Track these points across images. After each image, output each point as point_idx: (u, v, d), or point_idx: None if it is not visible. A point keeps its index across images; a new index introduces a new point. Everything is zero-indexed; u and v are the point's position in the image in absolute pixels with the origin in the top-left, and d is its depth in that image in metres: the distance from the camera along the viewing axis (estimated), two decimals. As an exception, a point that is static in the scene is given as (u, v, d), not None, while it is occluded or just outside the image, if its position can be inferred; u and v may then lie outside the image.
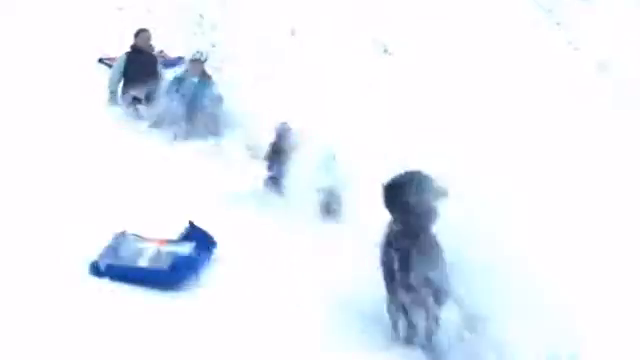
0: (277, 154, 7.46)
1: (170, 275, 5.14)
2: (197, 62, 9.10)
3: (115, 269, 5.11)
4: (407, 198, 4.45)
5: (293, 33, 12.29)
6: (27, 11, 11.74)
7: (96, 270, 5.09)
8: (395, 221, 4.50)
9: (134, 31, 9.87)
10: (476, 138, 9.07)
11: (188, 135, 8.65)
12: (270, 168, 7.40)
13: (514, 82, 11.31)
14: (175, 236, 5.68)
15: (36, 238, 5.51)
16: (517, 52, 12.15)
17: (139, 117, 9.24)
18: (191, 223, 5.76)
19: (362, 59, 11.93)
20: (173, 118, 8.77)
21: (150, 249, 5.47)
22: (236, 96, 9.42)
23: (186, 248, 5.46)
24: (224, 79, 10.02)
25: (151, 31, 9.89)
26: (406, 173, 4.55)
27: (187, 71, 9.12)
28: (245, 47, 11.44)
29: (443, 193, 4.56)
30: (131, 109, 9.43)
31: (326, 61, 11.45)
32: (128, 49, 9.68)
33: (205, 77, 9.14)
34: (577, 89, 10.94)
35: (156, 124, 8.84)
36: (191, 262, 5.27)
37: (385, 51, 12.27)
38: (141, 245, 5.52)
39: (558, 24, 13.03)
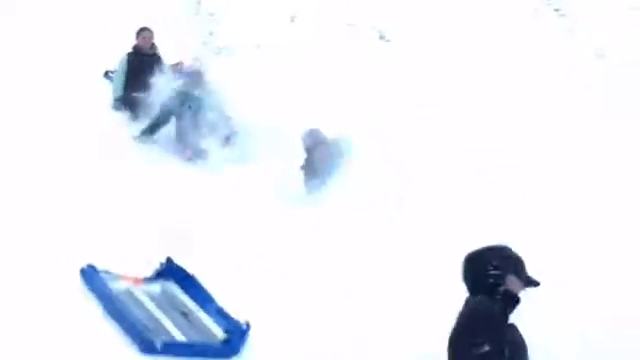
0: (311, 168, 7.52)
1: (226, 349, 5.05)
2: (197, 73, 8.85)
3: (172, 347, 4.96)
4: (487, 274, 3.98)
5: (293, 20, 12.30)
6: (29, 10, 11.63)
7: (151, 348, 4.88)
8: (470, 300, 4.00)
9: (135, 28, 9.64)
10: (474, 126, 9.13)
11: (200, 152, 8.42)
12: (308, 184, 7.47)
13: (512, 69, 11.28)
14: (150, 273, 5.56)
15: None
16: (516, 39, 12.15)
17: (138, 119, 9.03)
18: (168, 259, 5.55)
19: (360, 46, 11.89)
20: (186, 137, 8.49)
21: (136, 291, 5.36)
22: (236, 91, 9.27)
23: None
24: (223, 68, 10.07)
25: (152, 28, 9.68)
26: (493, 247, 4.05)
27: (187, 83, 8.80)
28: (244, 34, 11.44)
29: (533, 283, 4.10)
30: (129, 112, 9.19)
31: (326, 48, 11.44)
32: (130, 50, 9.45)
33: (206, 88, 8.81)
34: (575, 76, 10.94)
35: (146, 133, 8.61)
36: (243, 333, 5.14)
37: (382, 38, 12.26)
38: (117, 285, 5.36)
39: (556, 10, 13.04)
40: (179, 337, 5.09)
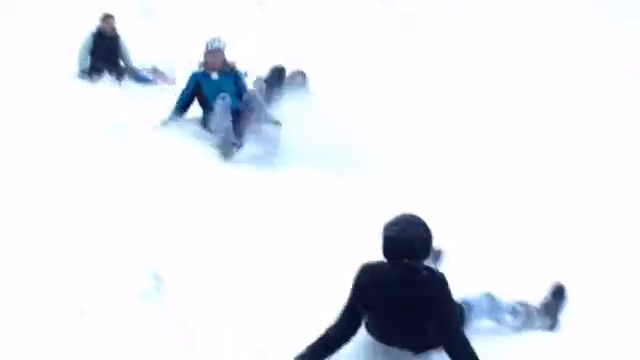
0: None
1: None
2: (216, 53, 7.71)
3: None
4: (430, 239, 4.07)
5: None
6: (28, 11, 12.61)
7: None
8: (426, 269, 3.99)
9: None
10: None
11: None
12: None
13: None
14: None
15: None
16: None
17: (101, 80, 10.13)
18: None
19: (238, 10, 13.69)
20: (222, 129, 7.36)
21: None
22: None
23: None
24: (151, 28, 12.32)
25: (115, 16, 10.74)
26: (410, 214, 4.08)
27: (205, 65, 7.71)
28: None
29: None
30: (95, 77, 10.28)
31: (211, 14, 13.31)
32: (94, 29, 10.61)
33: (228, 70, 7.75)
34: (386, 44, 13.23)
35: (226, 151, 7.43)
36: None
37: (259, 2, 14.39)
38: None
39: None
40: None
